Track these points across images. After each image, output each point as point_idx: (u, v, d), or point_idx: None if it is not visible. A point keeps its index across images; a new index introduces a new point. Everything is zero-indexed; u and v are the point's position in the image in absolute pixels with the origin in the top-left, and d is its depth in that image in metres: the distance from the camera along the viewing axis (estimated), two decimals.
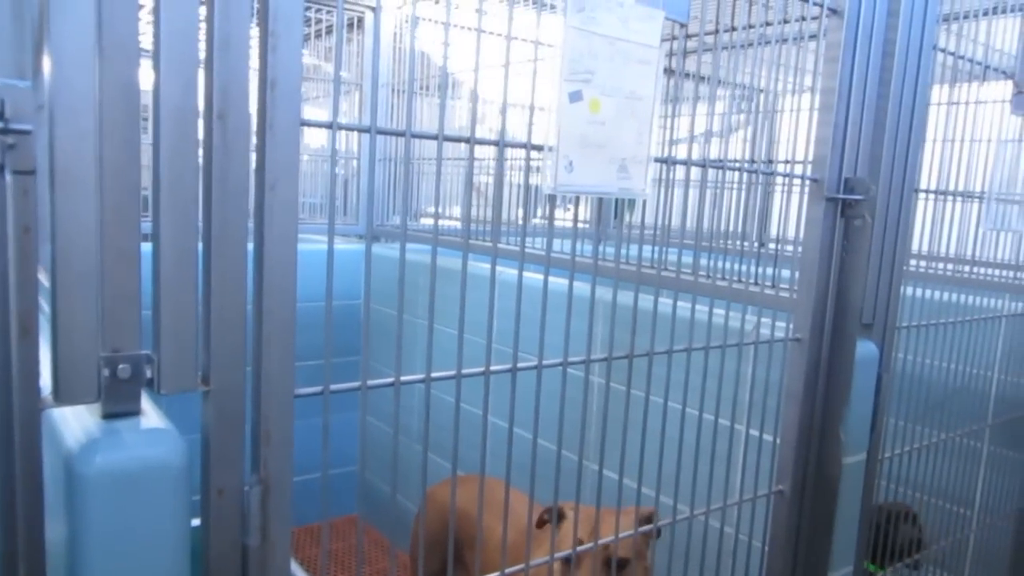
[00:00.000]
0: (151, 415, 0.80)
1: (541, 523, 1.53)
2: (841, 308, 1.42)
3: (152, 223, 0.75)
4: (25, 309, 0.67)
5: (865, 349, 1.48)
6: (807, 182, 1.41)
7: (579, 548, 1.36)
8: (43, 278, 0.72)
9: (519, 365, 1.07)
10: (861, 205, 1.40)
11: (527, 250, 1.13)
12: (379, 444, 2.84)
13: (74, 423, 0.77)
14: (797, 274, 1.44)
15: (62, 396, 0.71)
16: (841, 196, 1.40)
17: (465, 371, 1.03)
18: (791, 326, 1.42)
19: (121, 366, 0.76)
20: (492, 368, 1.05)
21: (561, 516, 1.47)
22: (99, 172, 0.72)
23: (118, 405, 0.77)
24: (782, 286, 1.43)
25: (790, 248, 1.50)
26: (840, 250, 1.42)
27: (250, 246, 0.81)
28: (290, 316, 0.83)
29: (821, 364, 1.43)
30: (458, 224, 3.16)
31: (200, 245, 0.78)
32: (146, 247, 0.74)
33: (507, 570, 1.08)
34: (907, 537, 1.80)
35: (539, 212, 3.33)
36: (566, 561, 1.45)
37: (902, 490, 1.76)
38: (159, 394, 0.78)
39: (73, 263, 0.71)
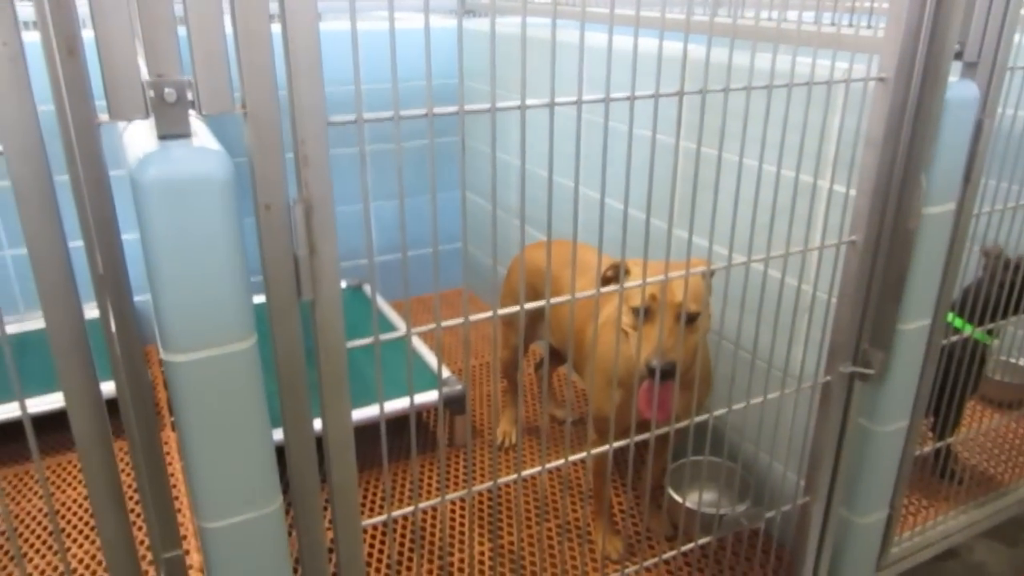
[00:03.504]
0: (203, 138, 0.89)
1: (606, 280, 1.59)
2: (936, 42, 1.29)
3: None
4: (67, 33, 0.75)
5: (964, 91, 1.36)
6: None
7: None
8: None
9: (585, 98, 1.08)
10: None
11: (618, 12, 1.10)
12: (479, 220, 2.97)
13: (137, 144, 0.87)
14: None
15: (113, 112, 0.80)
16: None
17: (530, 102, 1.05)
18: (874, 67, 1.32)
19: (167, 90, 0.84)
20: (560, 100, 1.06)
21: (627, 272, 1.51)
22: None
23: (170, 127, 0.86)
24: (867, 25, 1.31)
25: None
26: None
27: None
28: (314, 44, 0.87)
29: (908, 106, 1.33)
30: None
31: None
32: None
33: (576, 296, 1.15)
34: None
35: None
36: (637, 313, 1.52)
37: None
38: (202, 115, 0.86)
39: None
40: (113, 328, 0.86)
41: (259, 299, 0.96)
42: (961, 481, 2.05)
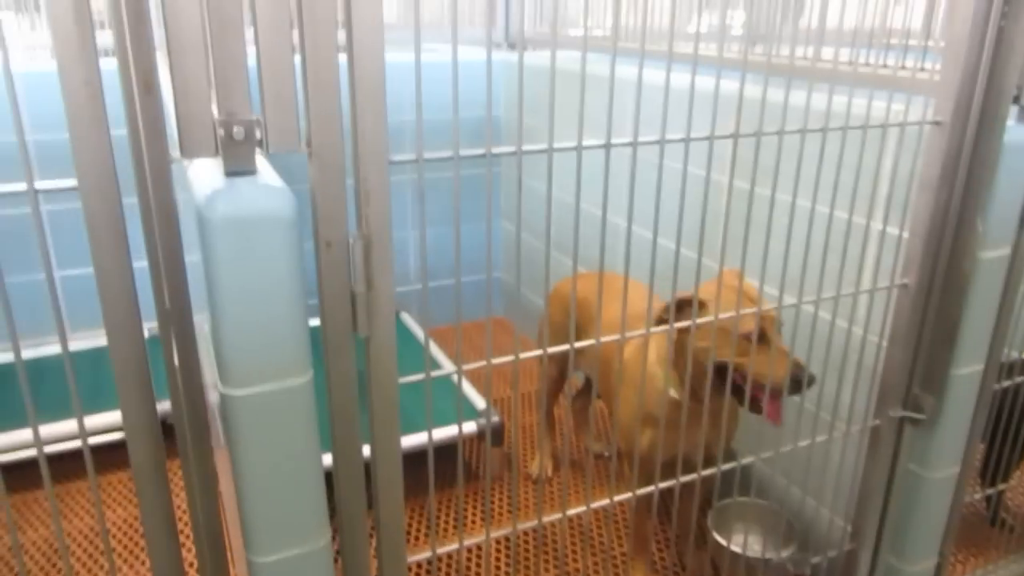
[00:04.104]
0: (268, 175, 0.91)
1: (663, 321, 1.53)
2: (994, 86, 1.28)
3: None
4: (144, 69, 0.77)
5: (1022, 135, 1.34)
6: None
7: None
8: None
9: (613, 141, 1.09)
10: None
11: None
12: (512, 250, 2.97)
13: (203, 179, 0.89)
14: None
15: (185, 150, 0.82)
16: None
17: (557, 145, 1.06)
18: (929, 109, 1.31)
19: (236, 128, 0.86)
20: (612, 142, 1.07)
21: (688, 304, 1.45)
22: None
23: (237, 164, 0.88)
24: (923, 66, 1.30)
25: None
26: (999, 16, 1.25)
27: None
28: (380, 83, 0.89)
29: (964, 150, 1.32)
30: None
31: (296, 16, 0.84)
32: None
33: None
34: None
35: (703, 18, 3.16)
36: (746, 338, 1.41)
37: None
38: (269, 153, 0.88)
39: (183, 32, 0.79)
40: (176, 361, 0.88)
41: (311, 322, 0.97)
42: (1012, 529, 1.99)
